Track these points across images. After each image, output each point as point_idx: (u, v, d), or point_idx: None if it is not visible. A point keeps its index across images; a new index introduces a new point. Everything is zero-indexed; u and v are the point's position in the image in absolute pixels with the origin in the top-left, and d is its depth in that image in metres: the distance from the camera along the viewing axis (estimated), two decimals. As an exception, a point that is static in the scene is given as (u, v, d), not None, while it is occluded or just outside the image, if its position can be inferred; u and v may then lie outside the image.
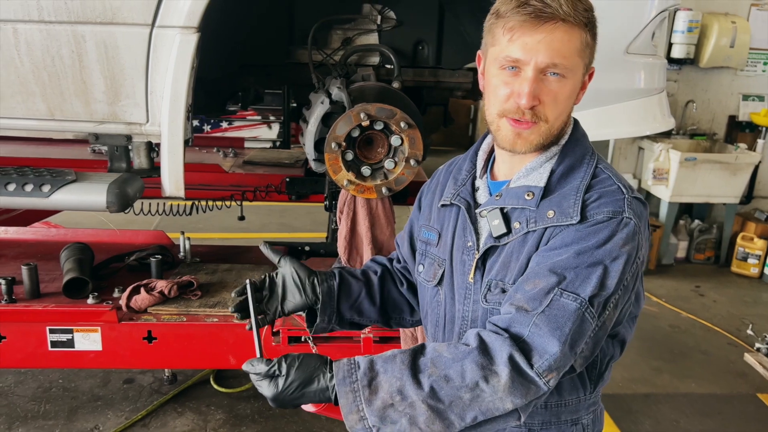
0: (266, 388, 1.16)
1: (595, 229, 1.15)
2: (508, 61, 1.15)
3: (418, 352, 1.16)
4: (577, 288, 1.12)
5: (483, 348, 1.11)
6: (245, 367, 1.20)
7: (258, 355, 1.24)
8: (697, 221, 5.80)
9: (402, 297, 1.56)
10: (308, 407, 1.19)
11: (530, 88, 1.13)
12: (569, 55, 1.13)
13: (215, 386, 3.40)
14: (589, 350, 1.15)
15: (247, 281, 1.34)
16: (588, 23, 1.15)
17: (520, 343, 1.10)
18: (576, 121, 1.31)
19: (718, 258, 5.75)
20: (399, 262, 1.59)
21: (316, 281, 1.43)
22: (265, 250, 1.45)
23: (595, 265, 1.12)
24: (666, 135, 5.65)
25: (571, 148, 1.25)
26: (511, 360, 1.08)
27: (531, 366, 1.08)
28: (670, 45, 5.44)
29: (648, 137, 5.57)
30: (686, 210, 5.91)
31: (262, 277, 1.42)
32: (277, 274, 1.43)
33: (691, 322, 4.59)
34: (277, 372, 1.15)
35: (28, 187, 2.03)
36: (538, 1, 1.10)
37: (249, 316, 1.33)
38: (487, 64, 1.22)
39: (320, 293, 1.43)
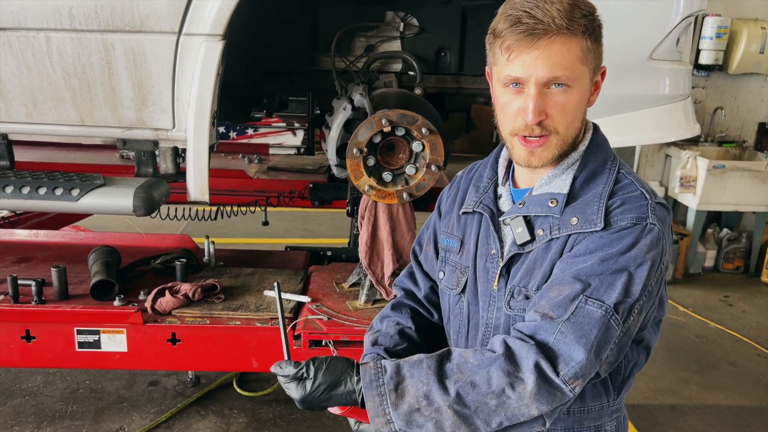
0: (294, 391, 1.18)
1: (619, 236, 1.14)
2: (510, 79, 1.15)
3: (444, 357, 1.16)
4: (602, 295, 1.12)
5: (509, 355, 1.11)
6: (273, 369, 1.22)
7: (286, 357, 1.25)
8: (725, 230, 5.69)
9: (436, 327, 1.52)
10: (334, 409, 1.21)
11: (534, 104, 1.13)
12: (570, 66, 1.13)
13: (238, 390, 3.43)
14: (614, 356, 1.15)
15: (276, 283, 1.35)
16: (586, 29, 1.13)
17: (546, 350, 1.10)
18: (596, 127, 1.30)
19: (748, 267, 5.62)
20: (418, 285, 1.53)
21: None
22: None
23: (620, 271, 1.12)
24: (694, 142, 5.56)
25: (593, 153, 1.25)
26: (537, 367, 1.08)
27: (557, 373, 1.08)
28: (698, 51, 5.36)
29: (675, 144, 5.49)
30: (714, 218, 5.80)
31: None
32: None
33: (719, 332, 4.50)
34: (305, 375, 1.18)
35: (59, 191, 2.09)
36: (531, 18, 1.10)
37: None
38: (492, 81, 1.23)
39: None
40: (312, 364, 1.19)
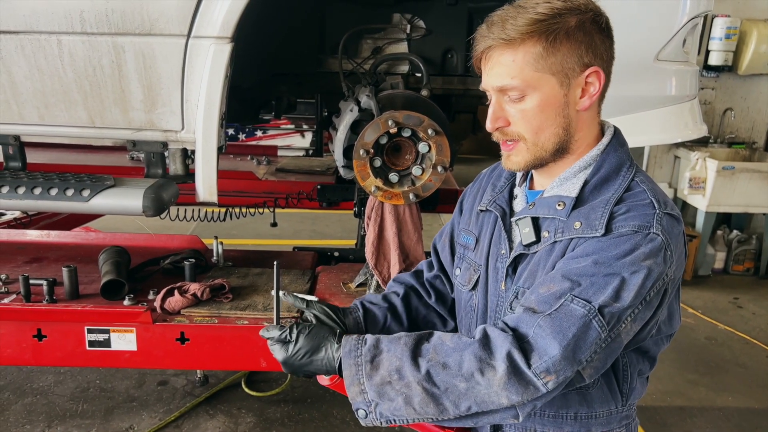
0: (278, 352, 1.24)
1: (617, 241, 1.14)
2: (484, 90, 1.24)
3: (423, 337, 1.20)
4: (589, 296, 1.11)
5: (485, 342, 1.13)
6: (262, 332, 1.28)
7: (275, 321, 1.31)
8: (735, 231, 5.66)
9: (431, 310, 1.57)
10: (323, 380, 1.25)
11: (490, 112, 1.21)
12: (518, 74, 1.15)
13: (246, 390, 3.45)
14: (600, 361, 1.14)
15: (275, 262, 1.39)
16: (542, 33, 1.13)
17: (522, 342, 1.11)
18: (616, 130, 1.29)
19: (758, 269, 5.59)
20: (431, 269, 1.60)
21: (340, 317, 1.44)
22: (289, 299, 1.44)
23: (612, 275, 1.12)
24: (703, 143, 5.54)
25: (608, 158, 1.24)
26: (509, 357, 1.10)
27: (529, 365, 1.09)
28: (708, 52, 5.35)
29: (684, 146, 5.47)
30: (724, 220, 5.77)
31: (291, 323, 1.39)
32: (304, 317, 1.44)
33: (728, 334, 4.48)
34: (288, 337, 1.23)
35: (69, 192, 2.12)
36: (480, 33, 1.18)
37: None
38: None
39: (349, 328, 1.44)
40: (295, 327, 1.24)
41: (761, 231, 5.60)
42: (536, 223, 1.25)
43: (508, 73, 1.15)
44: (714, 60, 5.33)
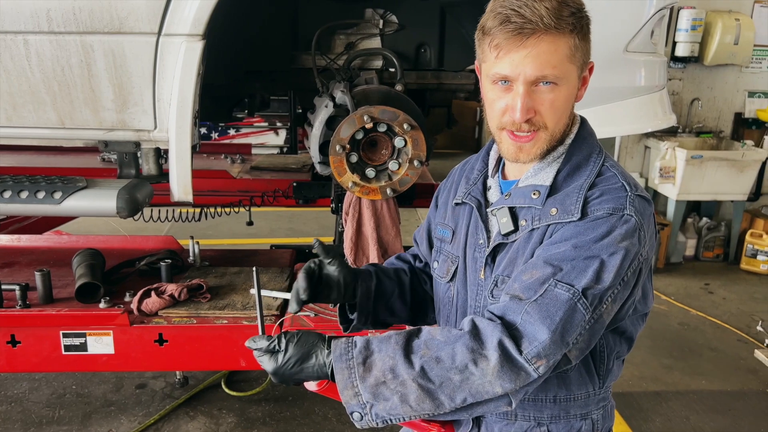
0: (267, 363, 1.21)
1: (594, 225, 1.17)
2: (498, 77, 1.17)
3: (413, 334, 1.19)
4: (572, 279, 1.14)
5: (475, 333, 1.14)
6: (248, 343, 1.25)
7: (260, 332, 1.29)
8: (705, 219, 5.78)
9: (428, 295, 1.59)
10: (311, 386, 1.23)
11: (522, 102, 1.15)
12: (558, 64, 1.14)
13: (226, 390, 3.43)
14: (584, 342, 1.17)
15: (254, 268, 1.37)
16: (575, 27, 1.15)
17: (511, 330, 1.13)
18: (583, 120, 1.32)
19: (727, 255, 5.72)
20: (420, 261, 1.62)
21: (357, 284, 1.44)
22: (318, 249, 1.42)
23: (592, 258, 1.14)
24: (672, 133, 5.64)
25: (578, 147, 1.27)
26: (501, 345, 1.11)
27: (520, 352, 1.11)
28: (675, 44, 5.44)
29: (654, 136, 5.57)
30: (694, 208, 5.89)
31: (317, 262, 1.42)
32: (322, 267, 1.43)
33: (700, 319, 4.58)
34: (276, 347, 1.21)
35: (41, 194, 2.08)
36: (519, 16, 1.11)
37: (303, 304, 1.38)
38: (481, 77, 1.25)
39: (359, 295, 1.45)
40: (284, 337, 1.21)
41: (729, 218, 5.73)
42: (513, 212, 1.27)
43: (550, 62, 1.13)
44: (681, 51, 5.43)
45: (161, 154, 2.27)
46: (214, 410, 3.29)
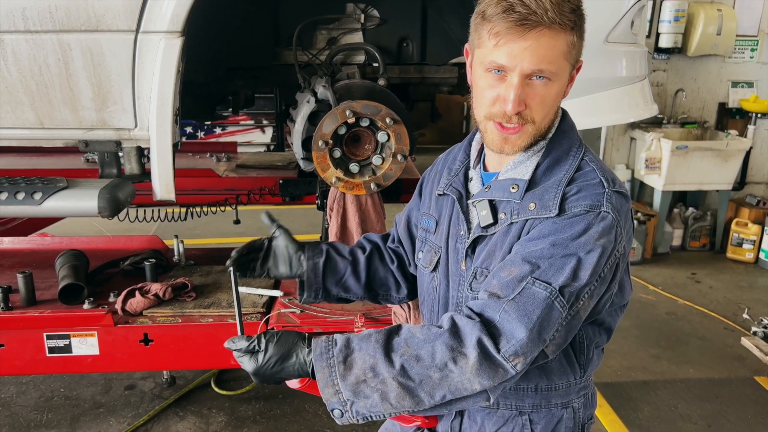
0: (247, 363, 1.22)
1: (571, 222, 1.17)
2: (494, 65, 1.15)
3: (393, 332, 1.20)
4: (549, 277, 1.14)
5: (454, 331, 1.14)
6: (227, 344, 1.25)
7: (239, 332, 1.30)
8: (691, 209, 5.82)
9: (390, 274, 1.60)
10: (293, 383, 1.23)
11: (515, 94, 1.14)
12: (555, 60, 1.13)
13: (216, 389, 3.42)
14: (561, 338, 1.17)
15: (231, 269, 1.39)
16: (575, 24, 1.14)
17: (490, 327, 1.13)
18: (564, 113, 1.32)
19: (714, 244, 5.77)
20: (393, 242, 1.63)
21: (303, 257, 1.50)
22: (265, 219, 1.52)
23: (569, 256, 1.15)
24: (657, 124, 5.67)
25: (558, 141, 1.27)
26: (480, 343, 1.11)
27: (498, 350, 1.11)
28: (658, 35, 5.47)
29: (639, 127, 5.60)
30: (680, 198, 5.93)
31: (262, 239, 1.51)
32: (272, 240, 1.52)
33: (687, 308, 4.62)
34: (256, 347, 1.21)
35: (20, 195, 2.06)
36: (524, 7, 1.10)
37: (244, 274, 1.45)
38: (474, 63, 1.23)
39: (306, 269, 1.50)
40: (263, 336, 1.22)
41: (715, 207, 5.78)
42: (493, 205, 1.27)
43: (547, 57, 1.12)
44: (664, 42, 5.45)
45: (143, 153, 2.26)
46: (204, 410, 3.28)
